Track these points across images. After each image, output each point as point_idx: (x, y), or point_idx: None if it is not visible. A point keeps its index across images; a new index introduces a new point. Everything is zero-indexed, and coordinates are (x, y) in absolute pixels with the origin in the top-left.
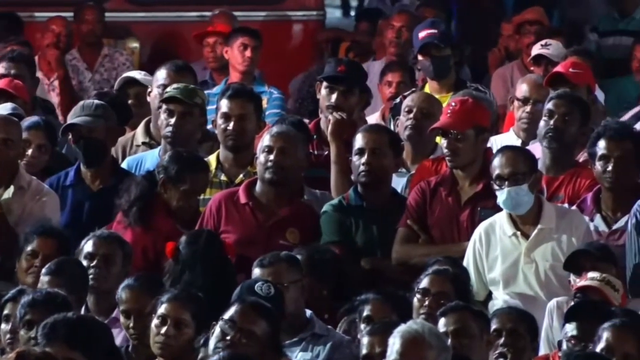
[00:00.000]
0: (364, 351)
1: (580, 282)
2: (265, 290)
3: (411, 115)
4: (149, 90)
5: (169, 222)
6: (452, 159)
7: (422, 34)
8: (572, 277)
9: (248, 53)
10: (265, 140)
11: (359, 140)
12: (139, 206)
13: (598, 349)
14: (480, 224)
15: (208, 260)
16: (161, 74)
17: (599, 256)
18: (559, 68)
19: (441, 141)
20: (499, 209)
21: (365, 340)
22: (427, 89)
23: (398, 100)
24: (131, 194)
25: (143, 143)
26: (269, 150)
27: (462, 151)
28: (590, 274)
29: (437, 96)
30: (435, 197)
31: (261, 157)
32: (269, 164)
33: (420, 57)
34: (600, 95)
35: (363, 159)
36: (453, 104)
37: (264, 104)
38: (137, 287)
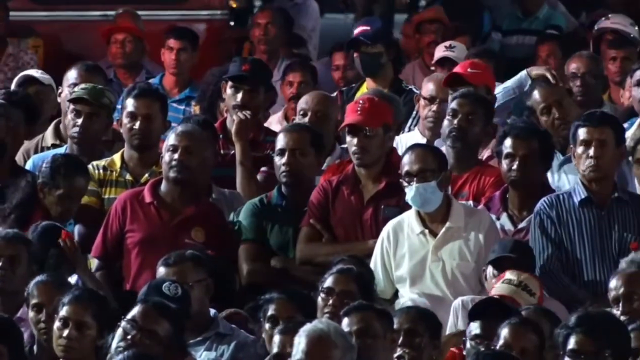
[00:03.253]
0: (275, 350)
1: (495, 289)
2: (173, 290)
3: (306, 119)
4: (60, 90)
5: None
6: (361, 157)
7: (355, 31)
8: (489, 271)
9: (173, 55)
10: (170, 139)
11: (280, 141)
12: (16, 214)
13: (498, 346)
14: (389, 222)
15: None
16: (72, 74)
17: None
18: (457, 68)
19: (348, 139)
20: (403, 207)
21: (276, 339)
22: (364, 87)
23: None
24: (13, 200)
25: (53, 145)
26: (174, 149)
27: (372, 149)
28: (508, 275)
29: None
30: (338, 196)
31: (166, 156)
32: (174, 162)
33: (354, 54)
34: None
35: (284, 159)
36: (361, 101)
37: (197, 110)
38: (50, 282)
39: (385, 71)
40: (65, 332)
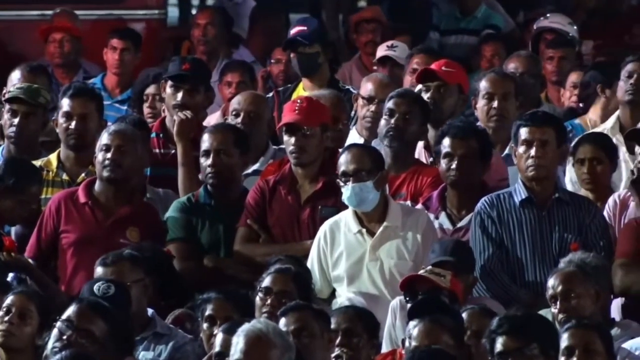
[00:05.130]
0: (217, 349)
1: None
2: (103, 290)
3: (239, 119)
4: (4, 91)
5: None
6: (299, 156)
7: (292, 31)
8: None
9: (116, 55)
10: (103, 138)
11: (204, 141)
12: None
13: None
14: (326, 221)
15: None
16: (15, 75)
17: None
18: (432, 65)
19: (285, 138)
20: (340, 207)
21: (219, 337)
22: (300, 86)
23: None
24: None
25: None
26: (107, 148)
27: (309, 148)
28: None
29: (308, 93)
30: (275, 196)
31: (99, 156)
32: (107, 162)
33: (291, 54)
34: None
35: (209, 161)
36: (299, 101)
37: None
38: None
39: (322, 71)
40: (7, 318)
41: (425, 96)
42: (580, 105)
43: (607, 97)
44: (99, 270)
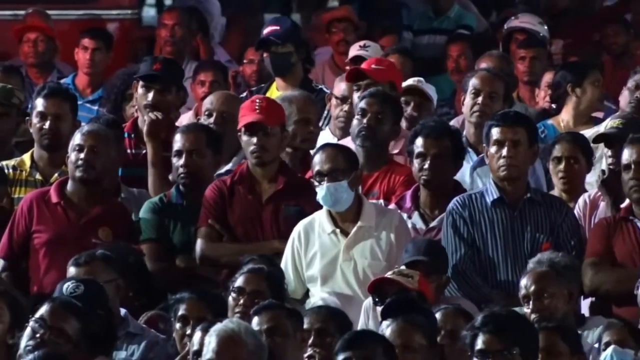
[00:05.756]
0: (195, 347)
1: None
2: (71, 289)
3: (212, 120)
4: None
5: None
6: (261, 155)
7: (265, 31)
8: None
9: (88, 55)
10: (75, 138)
11: (177, 142)
12: None
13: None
14: (300, 222)
15: None
16: None
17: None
18: (362, 64)
19: (245, 138)
20: (304, 207)
21: (197, 336)
22: (274, 86)
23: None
24: None
25: None
26: (80, 148)
27: (271, 147)
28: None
29: (281, 93)
30: (234, 195)
31: (72, 156)
32: (80, 162)
33: (264, 54)
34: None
35: (181, 161)
36: (258, 101)
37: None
38: None
39: (295, 71)
40: None
41: (355, 96)
42: (553, 106)
43: (577, 96)
44: (71, 270)
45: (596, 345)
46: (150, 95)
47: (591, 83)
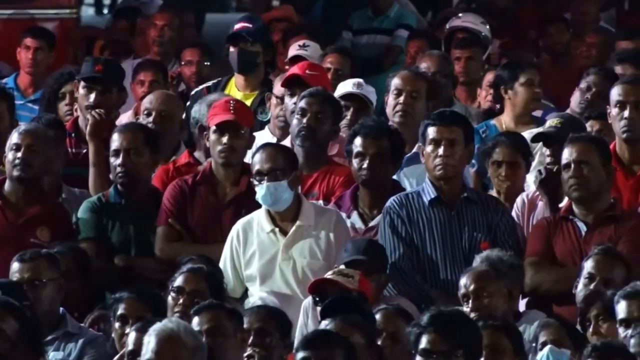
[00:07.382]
0: (130, 347)
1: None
2: None
3: (151, 119)
4: None
5: None
6: (229, 156)
7: (236, 26)
8: None
9: (30, 55)
10: (13, 137)
11: (114, 141)
12: None
13: None
14: (238, 220)
15: None
16: None
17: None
18: (295, 70)
19: (214, 137)
20: None
21: (132, 336)
22: (232, 83)
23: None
24: None
25: None
26: (17, 147)
27: (240, 148)
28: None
29: (240, 93)
30: (196, 196)
31: (9, 155)
32: (17, 161)
33: (231, 48)
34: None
35: (119, 160)
36: (232, 102)
37: None
38: None
39: (258, 71)
40: None
41: (291, 101)
42: (497, 106)
43: (510, 98)
44: (15, 266)
45: (533, 345)
46: (92, 96)
47: (523, 84)
